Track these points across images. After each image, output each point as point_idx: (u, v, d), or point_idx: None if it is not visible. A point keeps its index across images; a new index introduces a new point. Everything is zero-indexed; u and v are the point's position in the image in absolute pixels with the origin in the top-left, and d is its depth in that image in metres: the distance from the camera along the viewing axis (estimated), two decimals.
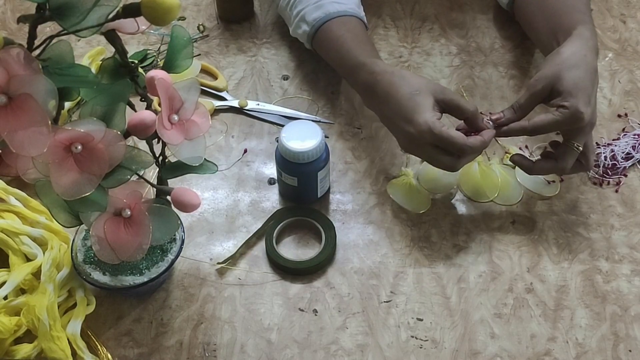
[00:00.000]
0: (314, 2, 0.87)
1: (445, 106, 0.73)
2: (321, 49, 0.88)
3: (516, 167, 0.83)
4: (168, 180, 0.66)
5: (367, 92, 0.78)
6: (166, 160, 0.65)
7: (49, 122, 0.50)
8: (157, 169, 0.65)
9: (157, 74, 0.56)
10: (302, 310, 0.72)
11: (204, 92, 0.92)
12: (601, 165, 0.83)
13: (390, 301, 0.73)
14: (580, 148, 0.73)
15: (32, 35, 0.51)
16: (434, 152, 0.72)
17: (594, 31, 0.77)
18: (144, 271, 0.68)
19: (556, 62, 0.73)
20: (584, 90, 0.71)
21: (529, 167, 0.76)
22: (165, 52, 0.61)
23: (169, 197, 0.63)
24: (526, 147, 0.86)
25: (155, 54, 0.95)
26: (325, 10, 0.86)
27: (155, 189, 0.65)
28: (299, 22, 0.89)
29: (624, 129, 0.88)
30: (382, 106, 0.76)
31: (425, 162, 0.84)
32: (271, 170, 0.84)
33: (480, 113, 0.74)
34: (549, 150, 0.76)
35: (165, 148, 0.63)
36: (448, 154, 0.72)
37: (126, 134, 0.57)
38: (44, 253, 0.71)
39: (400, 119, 0.73)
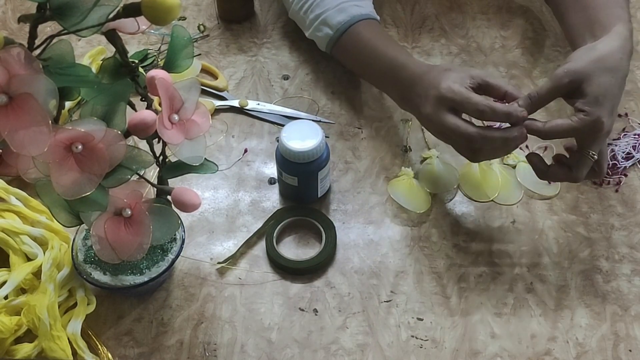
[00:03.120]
0: (335, 6, 0.86)
1: (481, 82, 0.71)
2: (346, 52, 0.87)
3: (516, 166, 0.83)
4: (168, 180, 0.66)
5: (407, 91, 0.77)
6: (166, 159, 0.65)
7: (50, 121, 0.50)
8: (158, 169, 0.65)
9: (158, 73, 0.56)
10: (302, 310, 0.72)
11: (204, 92, 0.92)
12: None
13: (390, 301, 0.73)
14: (596, 157, 0.69)
15: (32, 35, 0.51)
16: (455, 120, 0.69)
17: (631, 31, 0.74)
18: (144, 271, 0.68)
19: (590, 58, 0.68)
20: (611, 99, 0.67)
21: (543, 172, 0.72)
22: (166, 51, 0.61)
23: (169, 197, 0.63)
24: (526, 146, 0.86)
25: (155, 53, 0.95)
26: (349, 13, 0.85)
27: (155, 189, 0.65)
28: (319, 26, 0.88)
29: (624, 129, 0.88)
30: (420, 99, 0.74)
31: (426, 162, 0.84)
32: (271, 169, 0.84)
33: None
34: (562, 154, 0.73)
35: (166, 148, 0.63)
36: (469, 124, 0.69)
37: (127, 134, 0.57)
38: (44, 253, 0.71)
39: (429, 89, 0.71)
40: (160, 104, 0.57)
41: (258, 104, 0.91)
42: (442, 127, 0.71)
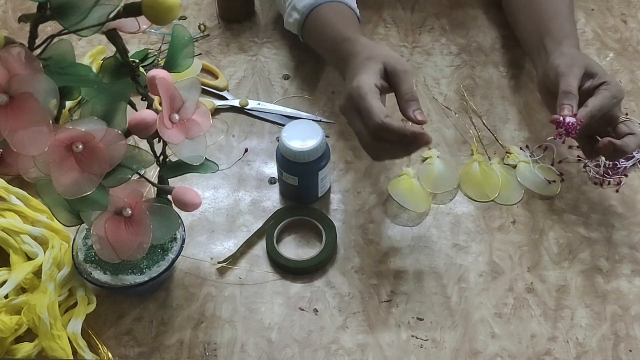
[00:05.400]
0: None
1: (389, 75, 0.70)
2: (309, 35, 0.87)
3: (517, 166, 0.83)
4: (169, 180, 0.66)
5: (344, 68, 0.76)
6: (167, 159, 0.65)
7: (50, 121, 0.50)
8: (158, 168, 0.65)
9: (158, 73, 0.56)
10: (302, 310, 0.72)
11: (204, 92, 0.92)
12: (602, 165, 0.83)
13: (390, 301, 0.73)
14: (629, 117, 0.76)
15: (33, 35, 0.51)
16: (355, 117, 0.68)
17: (578, 45, 0.81)
18: (144, 270, 0.68)
19: (572, 57, 0.77)
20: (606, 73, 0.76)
21: (626, 146, 0.73)
22: (166, 51, 0.61)
23: (169, 196, 0.63)
24: (527, 147, 0.86)
25: (156, 53, 0.95)
26: None
27: (156, 188, 0.65)
28: (290, 11, 0.88)
29: None
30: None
31: (426, 162, 0.84)
32: (272, 169, 0.84)
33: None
34: (603, 141, 0.74)
35: (166, 147, 0.63)
36: (364, 124, 0.68)
37: (127, 133, 0.57)
38: (44, 252, 0.71)
39: (347, 81, 0.71)
40: (160, 104, 0.57)
41: (258, 104, 0.91)
42: (350, 122, 0.70)
